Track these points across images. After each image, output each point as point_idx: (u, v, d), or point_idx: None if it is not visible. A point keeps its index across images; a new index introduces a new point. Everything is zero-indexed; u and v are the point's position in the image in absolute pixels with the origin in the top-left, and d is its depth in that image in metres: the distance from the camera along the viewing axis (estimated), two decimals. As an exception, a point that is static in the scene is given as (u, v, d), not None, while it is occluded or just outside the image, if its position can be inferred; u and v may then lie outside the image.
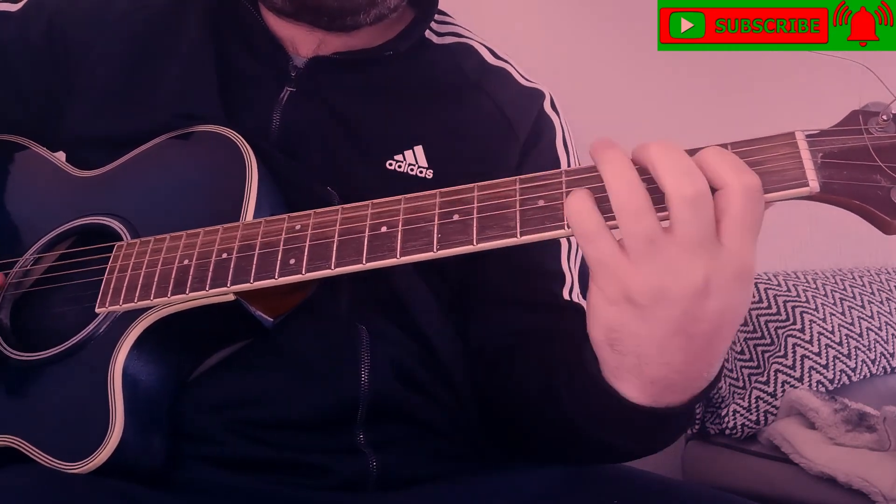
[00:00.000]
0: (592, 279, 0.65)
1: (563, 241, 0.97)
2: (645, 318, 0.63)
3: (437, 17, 1.05)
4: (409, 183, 0.91)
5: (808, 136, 0.62)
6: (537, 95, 1.05)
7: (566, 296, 0.95)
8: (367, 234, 0.72)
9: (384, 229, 0.71)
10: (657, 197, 0.61)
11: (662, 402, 0.68)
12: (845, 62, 0.65)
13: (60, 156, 1.00)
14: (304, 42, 0.99)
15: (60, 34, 1.01)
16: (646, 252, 0.61)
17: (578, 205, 0.63)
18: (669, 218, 0.61)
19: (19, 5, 1.04)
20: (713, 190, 0.61)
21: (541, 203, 0.66)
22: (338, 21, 0.95)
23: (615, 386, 0.69)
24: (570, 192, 0.65)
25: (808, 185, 0.60)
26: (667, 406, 0.68)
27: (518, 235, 0.66)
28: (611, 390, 0.69)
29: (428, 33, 1.04)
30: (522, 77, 1.06)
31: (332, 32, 0.97)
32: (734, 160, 0.61)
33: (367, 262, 0.71)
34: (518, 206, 0.67)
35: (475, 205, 0.69)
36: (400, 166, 0.93)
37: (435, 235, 0.69)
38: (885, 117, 0.59)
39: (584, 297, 0.94)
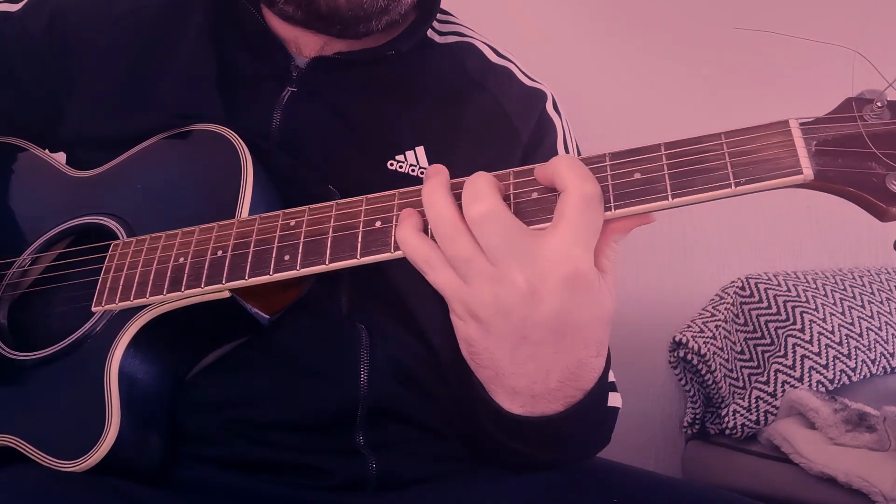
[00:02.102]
0: (447, 301, 0.70)
1: None
2: (489, 330, 0.68)
3: (439, 16, 1.06)
4: (409, 183, 0.91)
5: (802, 124, 0.62)
6: (540, 96, 1.05)
7: None
8: (361, 229, 0.72)
9: (378, 224, 0.72)
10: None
11: (535, 412, 0.73)
12: (839, 50, 0.66)
13: (61, 157, 1.01)
14: (308, 43, 0.99)
15: (61, 33, 1.01)
16: (468, 271, 0.66)
17: (407, 238, 0.69)
18: None
19: (19, 5, 1.05)
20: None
21: (535, 196, 0.67)
22: (350, 29, 0.95)
23: (494, 398, 0.74)
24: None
25: (802, 173, 0.60)
26: (541, 415, 0.73)
27: None
28: (490, 402, 0.74)
29: (430, 33, 1.04)
30: (525, 76, 1.06)
31: (342, 39, 0.97)
32: (580, 168, 0.65)
33: (361, 256, 0.71)
34: (513, 199, 0.68)
35: None
36: (401, 167, 0.93)
37: (429, 230, 0.69)
38: (879, 104, 0.59)
39: None
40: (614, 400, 0.90)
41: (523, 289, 0.65)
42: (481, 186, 0.66)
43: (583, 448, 0.88)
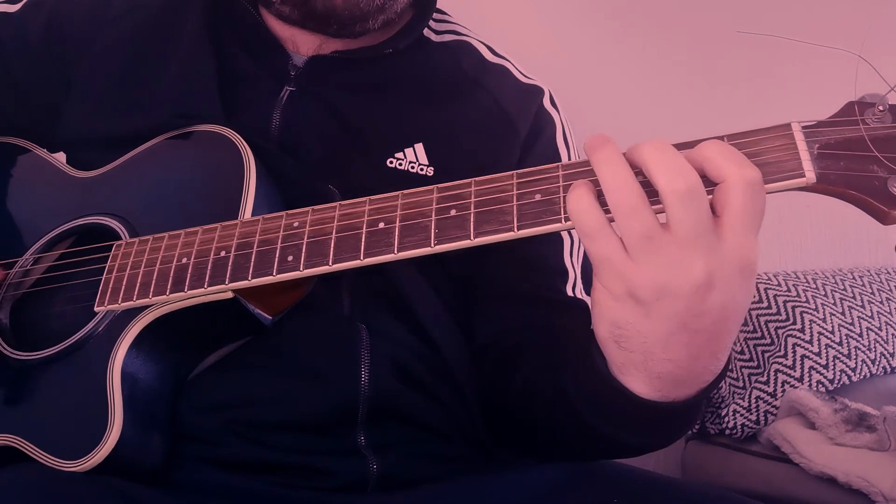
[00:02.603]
0: (596, 276, 0.65)
1: (566, 237, 0.97)
2: (649, 314, 0.63)
3: (435, 15, 1.06)
4: (409, 181, 0.91)
5: (804, 128, 0.62)
6: (536, 92, 1.05)
7: (569, 292, 0.95)
8: (364, 230, 0.72)
9: (382, 225, 0.71)
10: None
11: (670, 397, 0.68)
12: (841, 53, 0.66)
13: (60, 157, 1.01)
14: (305, 42, 0.99)
15: (59, 34, 1.01)
16: (645, 249, 0.61)
17: (580, 203, 0.63)
18: (666, 213, 0.61)
19: (18, 6, 1.05)
20: (714, 184, 0.61)
21: (538, 197, 0.66)
22: (347, 28, 0.95)
23: (623, 382, 0.69)
24: (567, 185, 0.65)
25: (804, 176, 0.60)
26: (674, 400, 0.69)
27: (515, 230, 0.66)
28: (619, 386, 0.69)
29: (426, 31, 1.04)
30: (521, 74, 1.06)
31: (339, 38, 0.97)
32: (734, 154, 0.61)
33: (364, 257, 0.71)
34: (515, 200, 0.67)
35: (472, 199, 0.69)
36: (401, 164, 0.93)
37: (432, 230, 0.69)
38: (881, 108, 0.59)
39: (587, 293, 0.94)
40: None
41: (700, 277, 0.61)
42: (680, 161, 0.61)
43: (680, 434, 0.83)
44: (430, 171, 0.94)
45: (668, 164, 0.61)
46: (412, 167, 0.94)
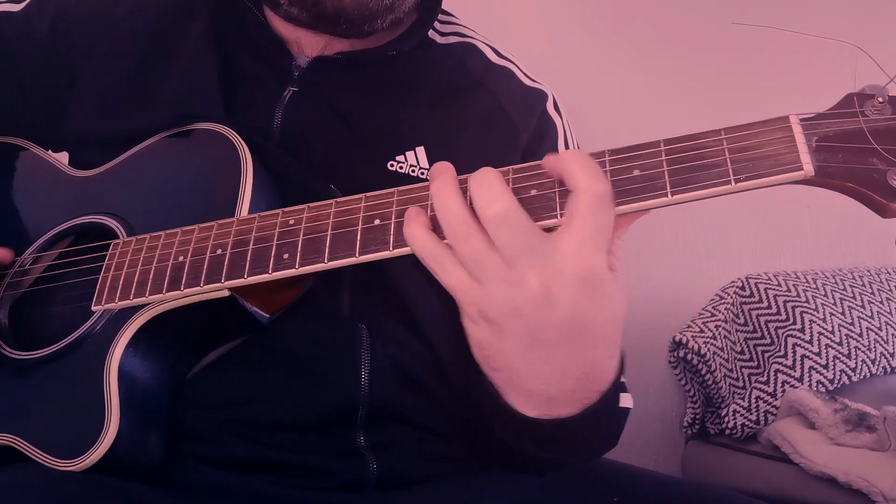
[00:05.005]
0: (457, 302, 0.68)
1: None
2: (501, 333, 0.66)
3: (440, 16, 1.06)
4: (410, 184, 0.91)
5: (802, 120, 0.61)
6: (540, 96, 1.05)
7: None
8: (360, 227, 0.72)
9: (377, 222, 0.71)
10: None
11: (552, 414, 0.71)
12: (840, 45, 0.65)
13: (63, 157, 1.01)
14: (310, 43, 0.99)
15: (63, 33, 1.02)
16: (481, 271, 0.64)
17: (415, 236, 0.67)
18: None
19: (22, 5, 1.05)
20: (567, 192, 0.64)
21: (534, 192, 0.67)
22: (356, 28, 0.95)
23: (507, 400, 0.72)
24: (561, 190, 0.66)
25: (802, 169, 0.60)
26: (557, 417, 0.71)
27: None
28: (504, 405, 0.73)
29: (431, 33, 1.04)
30: (526, 76, 1.06)
31: (348, 39, 0.97)
32: (589, 165, 0.63)
33: (360, 255, 0.71)
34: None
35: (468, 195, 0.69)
36: (401, 167, 0.93)
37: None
38: (880, 100, 0.59)
39: None
40: (625, 401, 0.88)
41: (537, 291, 0.63)
42: (495, 184, 0.65)
43: (593, 449, 0.87)
44: None
45: (481, 194, 0.64)
46: (413, 170, 0.94)
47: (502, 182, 0.65)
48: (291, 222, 0.76)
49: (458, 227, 0.65)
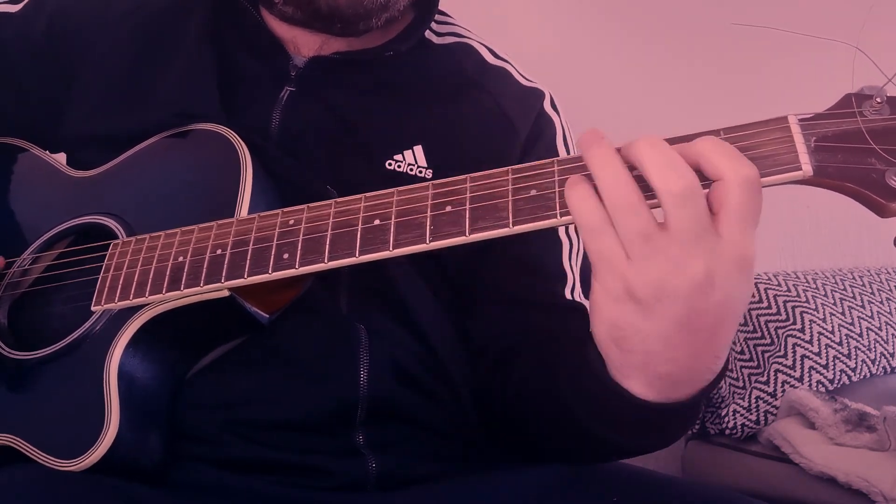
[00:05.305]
0: (595, 276, 0.65)
1: (564, 240, 0.97)
2: (648, 314, 0.62)
3: (437, 17, 1.06)
4: (408, 183, 0.91)
5: (800, 120, 0.61)
6: (537, 95, 1.05)
7: (568, 295, 0.95)
8: (360, 227, 0.72)
9: (377, 222, 0.71)
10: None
11: (671, 398, 0.68)
12: (838, 45, 0.65)
13: (61, 157, 1.01)
14: (306, 43, 0.99)
15: (60, 34, 1.02)
16: (643, 248, 0.61)
17: (581, 200, 0.63)
18: (663, 213, 0.61)
19: (19, 6, 1.05)
20: (711, 181, 0.61)
21: (533, 192, 0.66)
22: (351, 27, 0.95)
23: (622, 384, 0.68)
24: (563, 180, 0.65)
25: (801, 169, 0.60)
26: (674, 401, 0.68)
27: (511, 225, 0.66)
28: (618, 388, 0.68)
29: (428, 34, 1.04)
30: (522, 77, 1.06)
31: (342, 37, 0.97)
32: (731, 151, 0.61)
33: (360, 255, 0.71)
34: (510, 195, 0.67)
35: (468, 195, 0.69)
36: (400, 166, 0.93)
37: (427, 227, 0.69)
38: (879, 100, 0.59)
39: (586, 296, 0.94)
40: None
41: (700, 277, 0.60)
42: (678, 159, 0.60)
43: (678, 436, 0.82)
44: (430, 174, 0.93)
45: (663, 163, 0.60)
46: (411, 169, 0.94)
47: (681, 157, 0.61)
48: (291, 222, 0.76)
49: (631, 199, 0.61)
